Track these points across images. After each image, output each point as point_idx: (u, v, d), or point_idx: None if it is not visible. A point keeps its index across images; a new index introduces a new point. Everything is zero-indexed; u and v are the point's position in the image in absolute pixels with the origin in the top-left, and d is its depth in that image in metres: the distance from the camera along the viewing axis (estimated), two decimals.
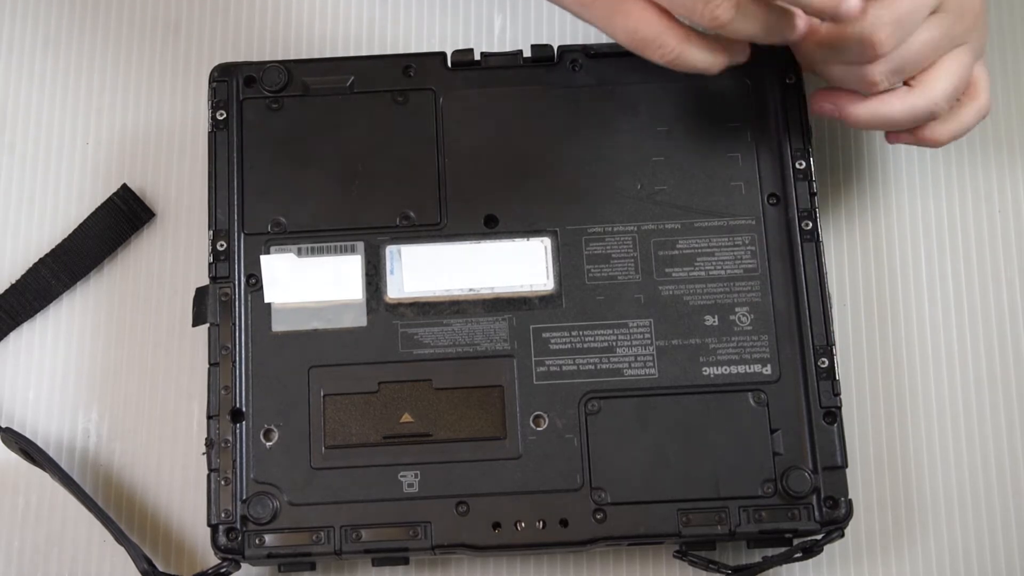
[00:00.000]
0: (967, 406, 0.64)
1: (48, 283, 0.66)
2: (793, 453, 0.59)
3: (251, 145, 0.63)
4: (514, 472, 0.59)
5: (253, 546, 0.58)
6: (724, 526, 0.58)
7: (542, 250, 0.61)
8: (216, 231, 0.61)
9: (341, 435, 0.59)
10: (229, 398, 0.59)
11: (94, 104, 0.69)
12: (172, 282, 0.66)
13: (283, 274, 0.61)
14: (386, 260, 0.61)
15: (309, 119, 0.63)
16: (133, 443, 0.64)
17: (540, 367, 0.60)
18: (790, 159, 0.62)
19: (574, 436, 0.59)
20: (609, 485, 0.58)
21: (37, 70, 0.70)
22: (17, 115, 0.69)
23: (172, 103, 0.69)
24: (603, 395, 0.59)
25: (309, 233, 0.62)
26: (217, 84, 0.63)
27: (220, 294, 0.61)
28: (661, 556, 0.62)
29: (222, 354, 0.60)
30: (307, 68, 0.64)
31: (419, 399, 0.59)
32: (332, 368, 0.60)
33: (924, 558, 0.63)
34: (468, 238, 0.61)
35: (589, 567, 0.62)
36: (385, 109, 0.63)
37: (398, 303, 0.61)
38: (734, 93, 0.63)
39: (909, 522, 0.63)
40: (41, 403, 0.65)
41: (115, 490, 0.64)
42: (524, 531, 0.58)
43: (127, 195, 0.67)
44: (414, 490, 0.58)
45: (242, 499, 0.58)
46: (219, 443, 0.59)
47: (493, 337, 0.60)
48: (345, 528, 0.58)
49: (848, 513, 0.58)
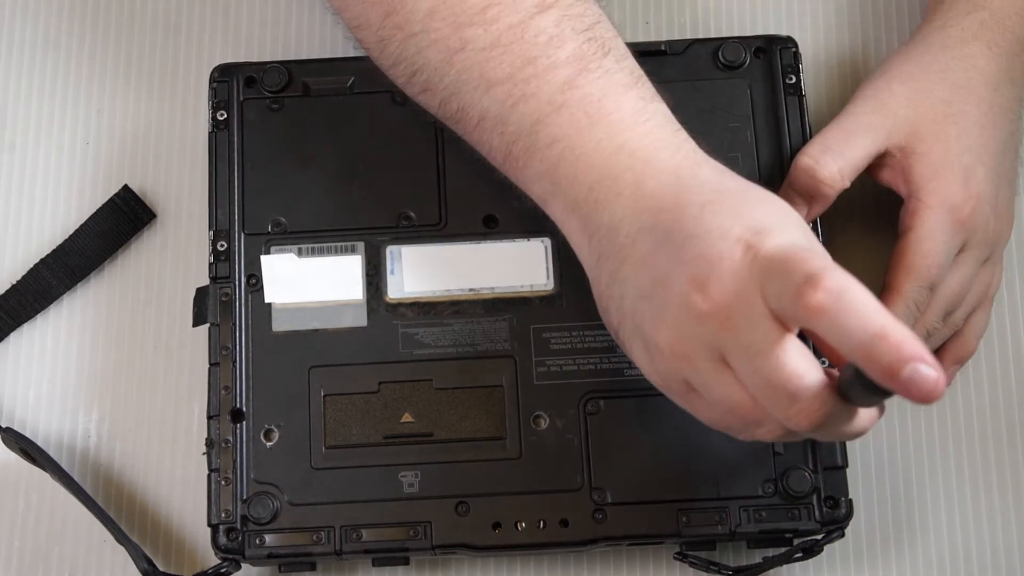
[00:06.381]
0: (967, 406, 0.64)
1: (48, 284, 0.66)
2: (793, 453, 0.59)
3: (251, 145, 0.63)
4: (514, 472, 0.59)
5: (253, 546, 0.58)
6: (724, 526, 0.58)
7: (542, 250, 0.61)
8: (216, 231, 0.61)
9: (341, 435, 0.59)
10: (229, 398, 0.59)
11: (94, 104, 0.69)
12: (172, 282, 0.66)
13: (283, 274, 0.61)
14: (386, 260, 0.61)
15: (309, 119, 0.63)
16: (133, 443, 0.64)
17: (540, 367, 0.60)
18: (790, 159, 0.62)
19: (574, 436, 0.59)
20: (609, 485, 0.58)
21: (37, 70, 0.70)
22: (17, 115, 0.69)
23: (172, 103, 0.69)
24: (603, 395, 0.59)
25: (309, 233, 0.62)
26: (217, 84, 0.63)
27: (220, 294, 0.61)
28: (661, 557, 0.62)
29: (222, 354, 0.60)
30: (307, 68, 0.64)
31: (419, 399, 0.59)
32: (332, 368, 0.60)
33: (924, 558, 0.63)
34: (468, 238, 0.62)
35: (589, 567, 0.62)
36: (385, 109, 0.63)
37: (398, 303, 0.61)
38: (734, 93, 0.63)
39: (909, 522, 0.63)
40: (41, 403, 0.65)
41: (115, 490, 0.64)
42: (524, 531, 0.58)
43: (128, 196, 0.67)
44: (414, 490, 0.58)
45: (242, 499, 0.58)
46: (219, 443, 0.59)
47: (493, 337, 0.60)
48: (345, 528, 0.58)
49: (848, 513, 0.58)
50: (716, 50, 0.63)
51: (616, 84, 0.54)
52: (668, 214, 0.51)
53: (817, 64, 0.69)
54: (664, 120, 0.55)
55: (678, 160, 0.53)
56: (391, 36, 0.56)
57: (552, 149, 0.54)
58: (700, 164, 0.53)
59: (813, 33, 0.69)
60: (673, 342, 0.50)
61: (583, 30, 0.55)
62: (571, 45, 0.54)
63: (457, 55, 0.55)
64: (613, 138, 0.53)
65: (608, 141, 0.53)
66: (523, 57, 0.54)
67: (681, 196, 0.51)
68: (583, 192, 0.54)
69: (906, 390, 0.44)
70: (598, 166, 0.53)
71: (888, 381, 0.44)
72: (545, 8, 0.54)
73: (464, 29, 0.55)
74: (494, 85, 0.55)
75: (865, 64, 0.69)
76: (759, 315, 0.47)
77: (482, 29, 0.54)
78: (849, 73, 0.69)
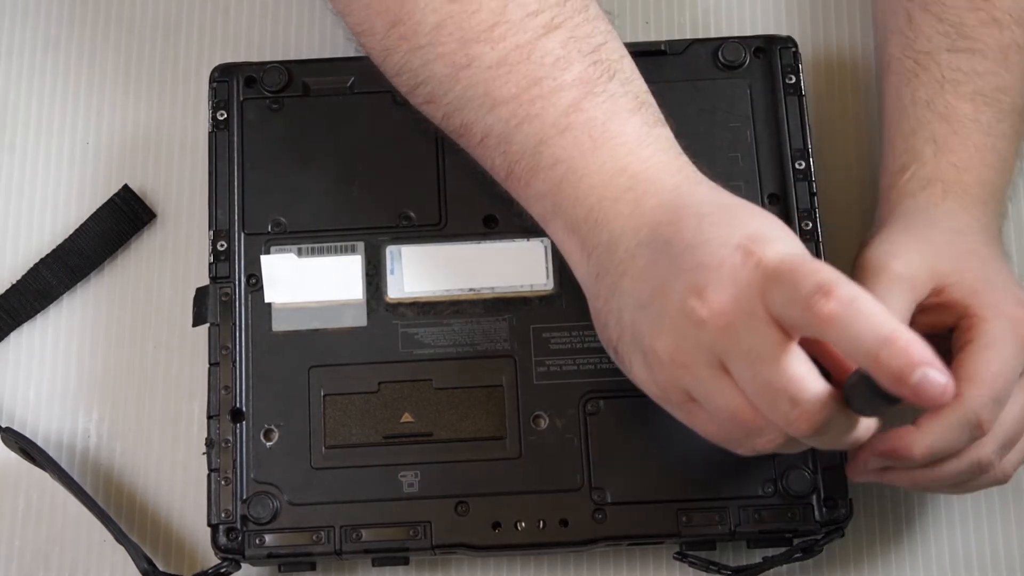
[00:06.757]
0: None
1: (48, 283, 0.66)
2: (793, 453, 0.59)
3: (251, 145, 0.63)
4: (514, 472, 0.59)
5: (253, 546, 0.58)
6: (724, 526, 0.58)
7: (542, 250, 0.61)
8: (216, 231, 0.61)
9: (341, 435, 0.59)
10: (229, 398, 0.59)
11: (94, 104, 0.69)
12: (172, 282, 0.66)
13: (283, 274, 0.61)
14: (386, 260, 0.61)
15: (309, 119, 0.63)
16: (133, 443, 0.64)
17: (540, 367, 0.60)
18: (790, 159, 0.62)
19: (574, 436, 0.59)
20: (609, 485, 0.58)
21: (37, 70, 0.70)
22: (17, 115, 0.69)
23: (172, 103, 0.69)
24: (603, 395, 0.59)
25: (309, 233, 0.62)
26: (217, 84, 0.63)
27: (220, 294, 0.61)
28: (661, 557, 0.62)
29: (222, 354, 0.60)
30: (307, 68, 0.64)
31: (419, 399, 0.59)
32: (332, 368, 0.60)
33: (924, 558, 0.63)
34: (468, 238, 0.62)
35: (589, 567, 0.62)
36: (385, 109, 0.63)
37: (398, 303, 0.61)
38: (734, 93, 0.63)
39: (909, 522, 0.63)
40: (41, 403, 0.65)
41: (115, 490, 0.64)
42: (524, 531, 0.58)
43: (128, 196, 0.67)
44: (414, 490, 0.58)
45: (242, 499, 0.58)
46: (219, 443, 0.59)
47: (493, 337, 0.60)
48: (345, 528, 0.58)
49: (848, 513, 0.58)
50: (716, 50, 0.63)
51: (621, 109, 0.55)
52: (667, 228, 0.51)
53: (817, 64, 0.69)
54: (667, 144, 0.55)
55: (678, 180, 0.54)
56: (396, 46, 0.56)
57: (555, 170, 0.54)
58: (699, 183, 0.54)
59: (813, 33, 0.69)
60: (672, 350, 0.50)
61: (589, 52, 0.55)
62: (577, 68, 0.54)
63: (463, 71, 0.55)
64: (616, 161, 0.54)
65: (611, 163, 0.54)
66: (529, 78, 0.54)
67: (680, 211, 0.52)
68: (583, 212, 0.54)
69: (915, 395, 0.44)
70: (599, 188, 0.53)
71: (898, 386, 0.44)
72: (553, 29, 0.54)
73: (471, 45, 0.55)
74: (499, 104, 0.55)
75: (865, 64, 0.69)
76: (760, 321, 0.47)
77: (489, 47, 0.54)
78: (849, 73, 0.69)
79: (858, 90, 0.69)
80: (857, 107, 0.68)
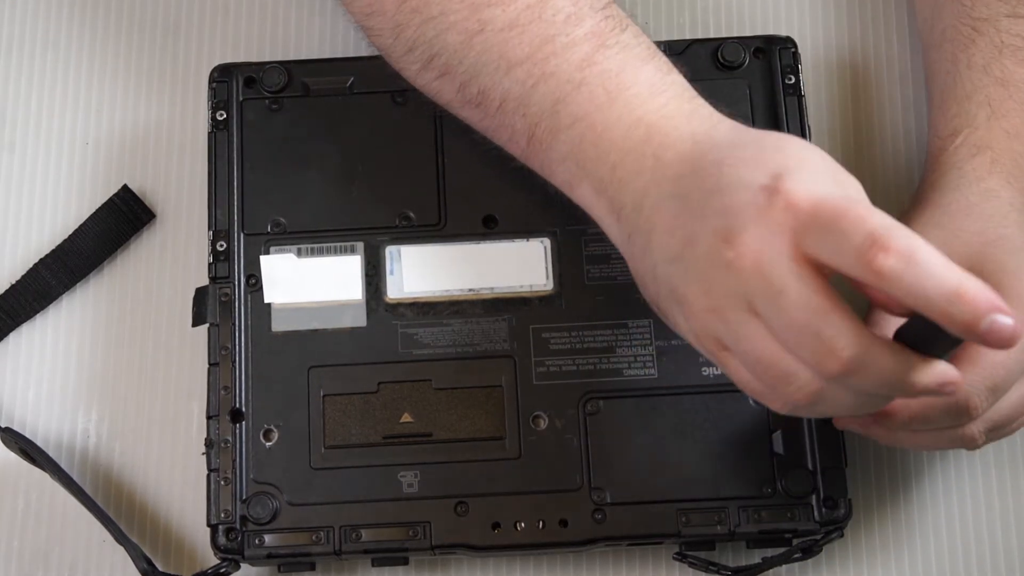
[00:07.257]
0: None
1: (48, 284, 0.66)
2: (793, 453, 0.59)
3: (251, 145, 0.63)
4: (514, 472, 0.59)
5: (253, 546, 0.58)
6: (724, 526, 0.58)
7: (542, 250, 0.61)
8: (216, 231, 0.61)
9: (341, 435, 0.59)
10: (229, 398, 0.59)
11: (94, 104, 0.69)
12: (172, 282, 0.66)
13: (283, 274, 0.61)
14: (386, 260, 0.61)
15: (309, 120, 0.63)
16: (133, 443, 0.64)
17: (540, 367, 0.60)
18: None
19: (574, 436, 0.59)
20: (609, 485, 0.58)
21: (37, 70, 0.70)
22: (17, 115, 0.69)
23: (172, 103, 0.69)
24: (603, 395, 0.59)
25: (309, 233, 0.62)
26: (217, 84, 0.63)
27: (220, 294, 0.61)
28: (661, 557, 0.62)
29: (222, 354, 0.60)
30: (307, 68, 0.64)
31: (419, 399, 0.59)
32: (332, 368, 0.60)
33: (924, 558, 0.63)
34: (468, 238, 0.62)
35: (589, 567, 0.62)
36: (385, 109, 0.63)
37: (398, 303, 0.61)
38: (734, 93, 0.63)
39: (909, 522, 0.63)
40: (41, 403, 0.65)
41: (115, 490, 0.64)
42: (524, 531, 0.58)
43: (127, 196, 0.67)
44: (414, 490, 0.58)
45: (242, 499, 0.58)
46: (219, 443, 0.59)
47: (493, 337, 0.60)
48: (345, 528, 0.58)
49: (848, 513, 0.58)
50: (716, 50, 0.63)
51: (634, 58, 0.55)
52: (688, 179, 0.51)
53: (817, 64, 0.69)
54: (680, 89, 0.55)
55: (693, 126, 0.53)
56: (408, 21, 0.56)
57: (574, 129, 0.54)
58: (715, 125, 0.53)
59: (813, 33, 0.69)
60: (702, 296, 0.50)
61: (600, 8, 0.55)
62: (589, 22, 0.55)
63: (476, 37, 0.55)
64: (632, 112, 0.53)
65: (627, 115, 0.53)
66: (541, 36, 0.54)
67: (698, 159, 0.52)
68: (607, 171, 0.54)
69: (984, 340, 0.44)
70: (619, 142, 0.53)
71: (966, 334, 0.44)
72: None
73: (482, 10, 0.55)
74: (514, 66, 0.55)
75: (865, 64, 0.69)
76: (787, 259, 0.47)
77: (500, 10, 0.55)
78: (849, 73, 0.69)
79: (858, 90, 0.69)
80: (857, 107, 0.68)
